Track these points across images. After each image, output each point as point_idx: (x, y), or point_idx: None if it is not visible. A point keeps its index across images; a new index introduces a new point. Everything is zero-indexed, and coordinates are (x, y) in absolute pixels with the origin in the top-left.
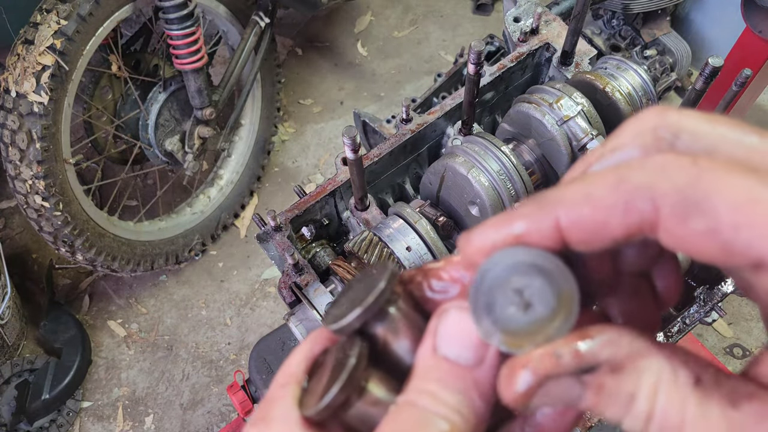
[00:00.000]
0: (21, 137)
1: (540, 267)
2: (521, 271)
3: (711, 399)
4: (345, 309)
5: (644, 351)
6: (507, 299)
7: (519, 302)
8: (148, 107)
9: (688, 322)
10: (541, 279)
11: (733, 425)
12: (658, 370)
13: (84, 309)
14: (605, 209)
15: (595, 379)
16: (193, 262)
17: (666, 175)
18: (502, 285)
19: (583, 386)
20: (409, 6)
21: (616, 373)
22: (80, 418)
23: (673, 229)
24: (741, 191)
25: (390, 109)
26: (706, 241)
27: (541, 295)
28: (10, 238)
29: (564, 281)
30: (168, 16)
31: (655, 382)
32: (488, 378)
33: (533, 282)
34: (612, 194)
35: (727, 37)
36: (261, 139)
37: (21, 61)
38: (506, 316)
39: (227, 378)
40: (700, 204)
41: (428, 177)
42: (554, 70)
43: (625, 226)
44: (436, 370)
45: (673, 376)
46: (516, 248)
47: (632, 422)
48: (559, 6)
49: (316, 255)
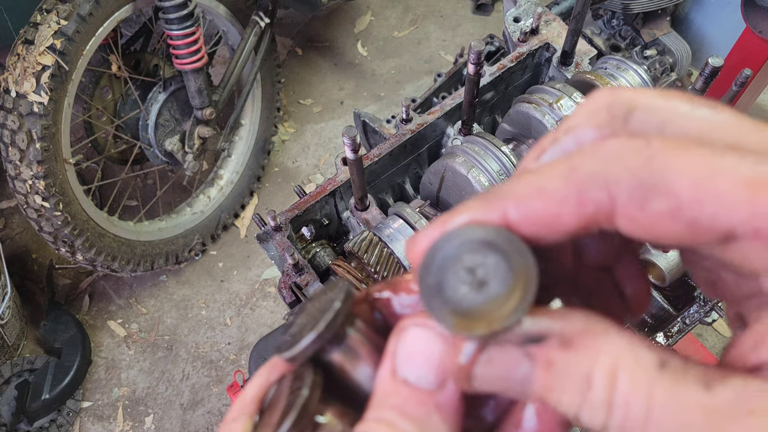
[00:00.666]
0: (21, 137)
1: (493, 243)
2: (473, 249)
3: (680, 383)
4: (298, 334)
5: (600, 329)
6: (458, 279)
7: (471, 281)
8: (148, 107)
9: (688, 322)
10: (495, 256)
11: (709, 410)
12: (617, 349)
13: (84, 309)
14: (557, 202)
15: (544, 352)
16: (193, 262)
17: (619, 160)
18: (453, 264)
19: (531, 362)
20: (409, 6)
21: (567, 348)
22: (80, 418)
23: (633, 214)
24: (698, 166)
25: (390, 109)
26: (669, 222)
27: (496, 273)
28: (10, 238)
29: (520, 257)
30: (168, 16)
31: (613, 362)
32: (452, 401)
33: (487, 259)
34: (564, 185)
35: (727, 37)
36: (261, 139)
37: (21, 61)
38: (458, 296)
39: (227, 378)
40: (658, 185)
41: (428, 177)
42: (554, 70)
43: (579, 218)
44: (394, 396)
45: (634, 357)
46: (468, 227)
47: (591, 414)
48: (559, 6)
49: (316, 255)
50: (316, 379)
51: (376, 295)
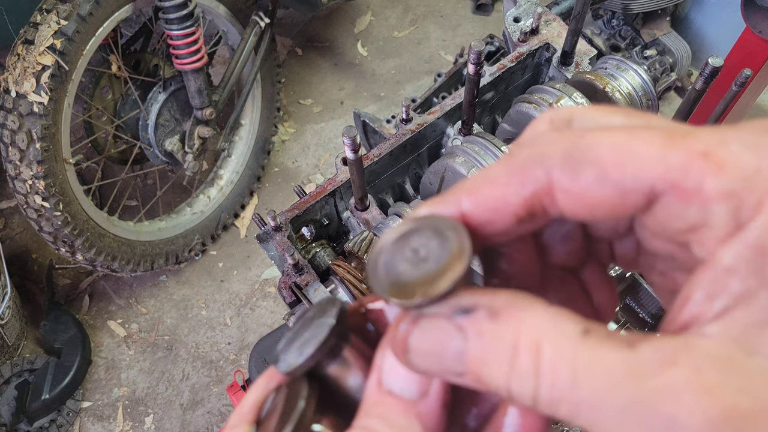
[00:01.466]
0: (21, 137)
1: (438, 229)
2: (420, 234)
3: (604, 346)
4: (295, 349)
5: (526, 302)
6: (403, 258)
7: (413, 259)
8: (148, 107)
9: None
10: (437, 239)
11: (631, 366)
12: (542, 319)
13: (84, 309)
14: (502, 185)
15: (473, 322)
16: (193, 262)
17: (552, 143)
18: (401, 247)
19: (462, 335)
20: (409, 6)
21: (495, 318)
22: (80, 418)
23: (568, 186)
24: (617, 134)
25: (390, 109)
26: (599, 189)
27: (435, 253)
28: (10, 238)
29: (457, 238)
30: (168, 16)
31: (538, 330)
32: (433, 410)
33: (429, 242)
34: (506, 170)
35: (727, 37)
36: (261, 139)
37: (21, 61)
38: (399, 271)
39: (227, 378)
40: (585, 156)
41: (428, 177)
42: (554, 70)
43: (522, 198)
44: (380, 406)
45: (558, 326)
46: (424, 219)
47: (520, 384)
48: (559, 6)
49: (316, 255)
50: (312, 391)
51: (369, 306)
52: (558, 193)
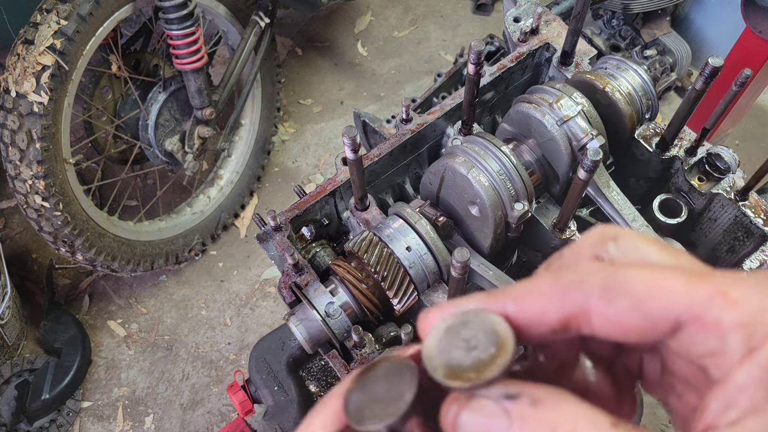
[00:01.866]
0: (21, 137)
1: (486, 322)
2: (470, 326)
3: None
4: (367, 407)
5: (564, 394)
6: (455, 345)
7: (465, 347)
8: (148, 107)
9: None
10: (485, 333)
11: None
12: (578, 409)
13: (84, 309)
14: (545, 300)
15: (517, 408)
16: (193, 262)
17: (592, 273)
18: (454, 336)
19: (508, 417)
20: (409, 6)
21: (536, 405)
22: (80, 418)
23: (603, 311)
24: (648, 272)
25: (390, 109)
26: (631, 314)
27: (483, 344)
28: (10, 238)
29: (503, 334)
30: (168, 16)
31: (573, 420)
32: None
33: (478, 334)
34: (550, 287)
35: (727, 37)
36: (261, 139)
37: (21, 61)
38: (452, 356)
39: (227, 378)
40: (621, 287)
41: (428, 177)
42: (554, 70)
43: (560, 315)
44: None
45: (592, 417)
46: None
47: None
48: (559, 6)
49: (316, 255)
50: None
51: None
52: (594, 316)
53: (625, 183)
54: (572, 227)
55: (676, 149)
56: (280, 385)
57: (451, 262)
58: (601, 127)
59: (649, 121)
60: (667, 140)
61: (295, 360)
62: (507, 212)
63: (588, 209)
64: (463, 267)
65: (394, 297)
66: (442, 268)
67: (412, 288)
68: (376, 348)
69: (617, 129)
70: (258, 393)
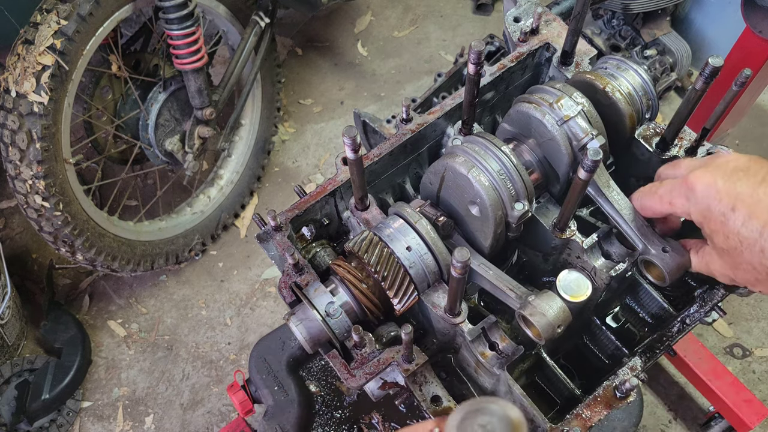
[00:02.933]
0: (21, 137)
1: (502, 415)
2: (484, 413)
3: None
4: None
5: None
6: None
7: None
8: (148, 107)
9: (688, 322)
10: (501, 422)
11: None
12: None
13: (84, 309)
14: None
15: None
16: (193, 262)
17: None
18: (470, 422)
19: None
20: (409, 6)
21: None
22: (80, 418)
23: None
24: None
25: (390, 109)
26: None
27: (498, 428)
28: (10, 238)
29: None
30: (168, 16)
31: None
32: None
33: (493, 419)
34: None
35: (727, 37)
36: (261, 139)
37: (21, 61)
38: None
39: (227, 378)
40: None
41: (428, 177)
42: (554, 70)
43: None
44: None
45: None
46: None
47: None
48: (559, 6)
49: (316, 255)
50: None
51: None
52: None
53: (625, 183)
54: (572, 227)
55: (677, 149)
56: (280, 385)
57: (451, 262)
58: (601, 127)
59: (650, 120)
60: (668, 140)
61: (295, 360)
62: (507, 212)
63: (588, 209)
64: (463, 267)
65: (395, 297)
66: (443, 268)
67: (413, 288)
68: (376, 348)
69: (617, 129)
70: (258, 393)
